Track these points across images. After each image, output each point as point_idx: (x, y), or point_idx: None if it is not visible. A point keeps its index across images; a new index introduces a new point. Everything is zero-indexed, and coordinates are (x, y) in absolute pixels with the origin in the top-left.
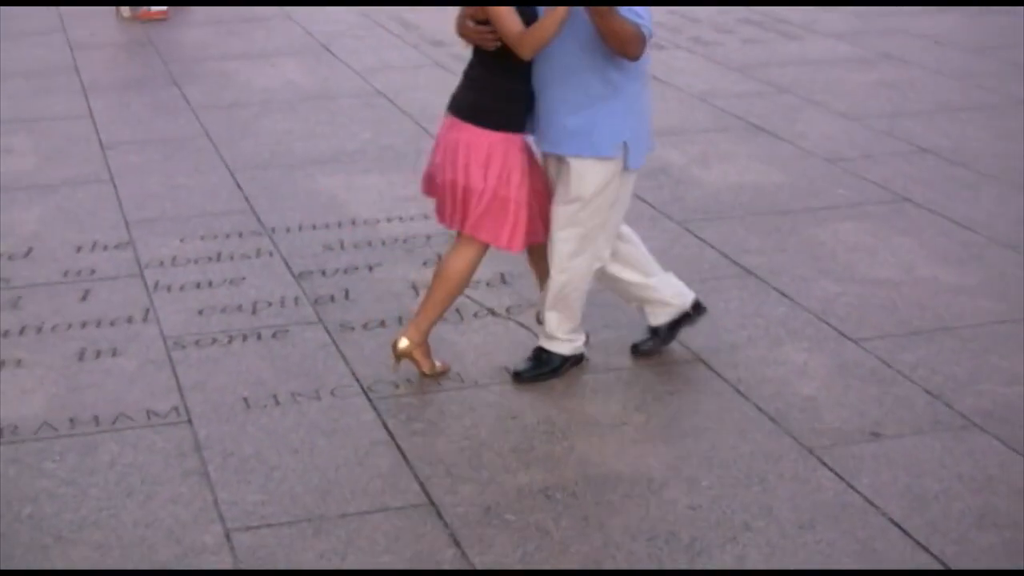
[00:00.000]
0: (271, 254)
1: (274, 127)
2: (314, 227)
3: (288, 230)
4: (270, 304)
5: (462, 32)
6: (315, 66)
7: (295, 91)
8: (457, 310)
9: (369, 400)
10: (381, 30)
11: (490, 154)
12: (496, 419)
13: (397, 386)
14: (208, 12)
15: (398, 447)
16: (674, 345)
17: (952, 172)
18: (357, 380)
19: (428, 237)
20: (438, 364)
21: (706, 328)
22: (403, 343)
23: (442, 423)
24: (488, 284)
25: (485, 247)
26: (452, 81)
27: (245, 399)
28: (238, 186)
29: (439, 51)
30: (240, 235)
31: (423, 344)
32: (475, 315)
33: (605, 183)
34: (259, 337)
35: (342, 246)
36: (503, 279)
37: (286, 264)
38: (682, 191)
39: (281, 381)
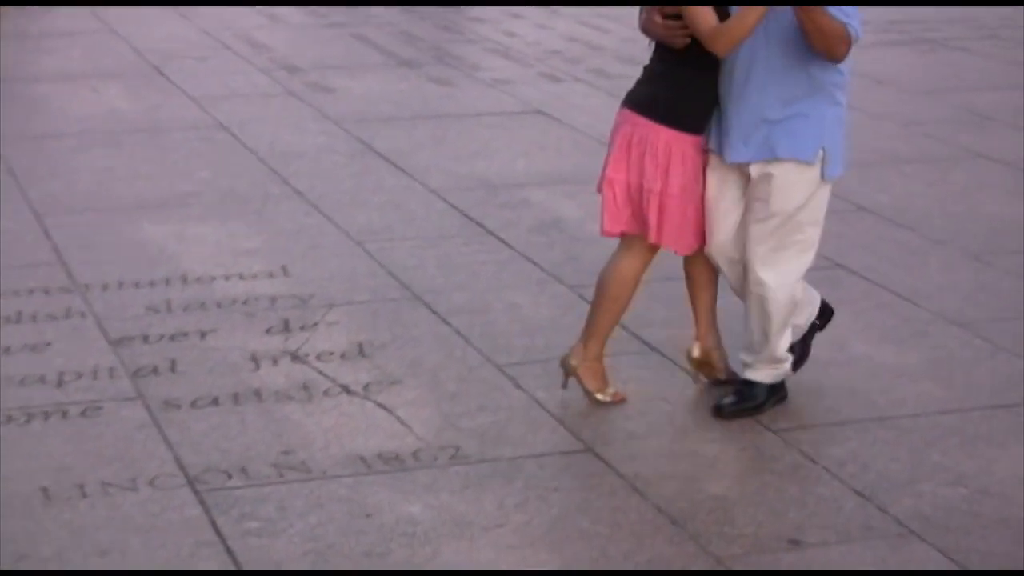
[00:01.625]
0: (83, 315)
1: (92, 164)
2: (136, 284)
3: (105, 287)
4: (79, 375)
5: (649, 28)
6: (144, 91)
7: (119, 121)
8: (305, 386)
9: (196, 492)
10: (225, 51)
11: (670, 152)
12: (347, 517)
13: (230, 476)
14: (14, 22)
15: (228, 550)
16: (561, 433)
17: (894, 235)
18: (182, 468)
19: (273, 299)
20: (611, 391)
21: (599, 414)
22: (573, 360)
23: (282, 521)
24: (343, 356)
25: (655, 251)
26: (308, 113)
27: (45, 490)
28: (45, 233)
29: (293, 79)
30: (46, 292)
31: (598, 361)
32: (326, 393)
33: (809, 195)
34: (64, 415)
35: (169, 307)
36: (360, 350)
37: (100, 328)
38: (577, 250)
39: (90, 468)
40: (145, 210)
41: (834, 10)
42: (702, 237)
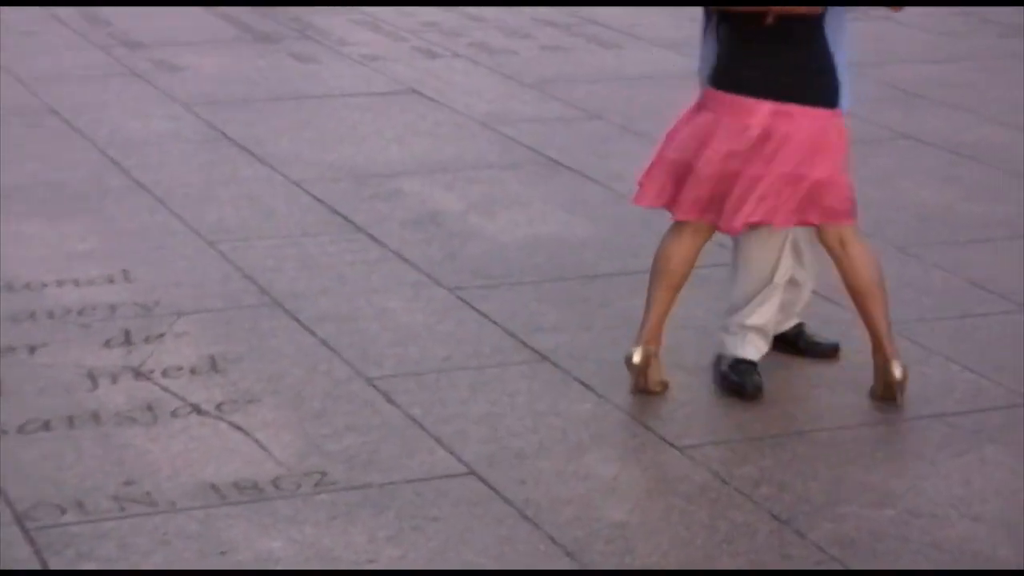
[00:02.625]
0: None
1: None
2: None
3: None
4: None
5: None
6: None
7: None
8: (150, 407)
9: (24, 531)
10: (56, 24)
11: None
12: (198, 555)
13: (64, 511)
14: None
15: None
16: (440, 455)
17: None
18: (8, 504)
19: (112, 308)
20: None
21: (483, 431)
22: (638, 355)
23: (124, 561)
24: (193, 371)
25: (712, 232)
26: (152, 95)
27: None
28: None
29: (135, 56)
30: None
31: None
32: (173, 414)
33: None
34: None
35: None
36: (213, 364)
37: None
38: (456, 247)
39: None
40: None
41: None
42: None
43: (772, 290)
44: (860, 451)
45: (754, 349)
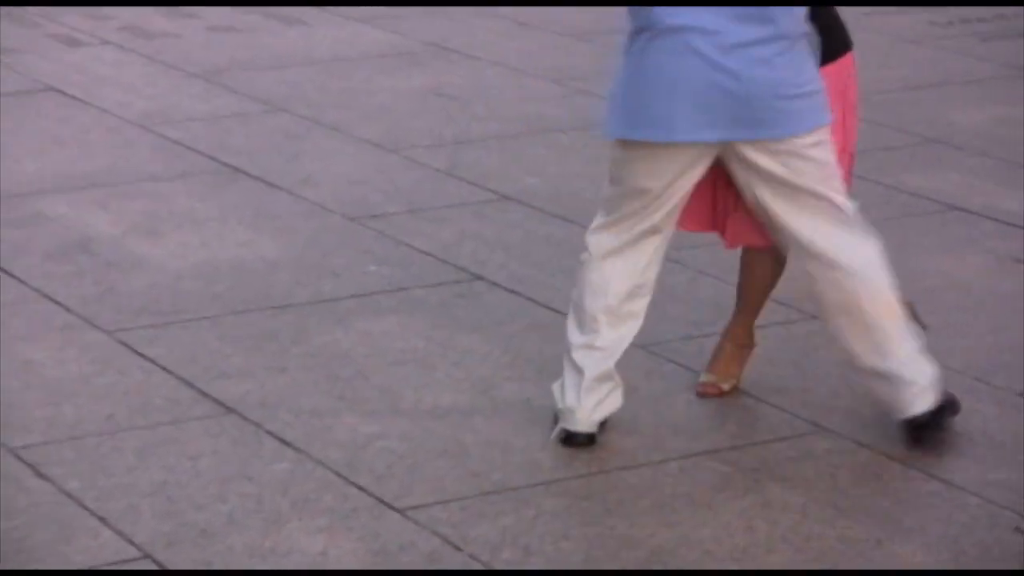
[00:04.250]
0: None
1: None
2: None
3: None
4: None
5: None
6: None
7: None
8: None
9: None
10: None
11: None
12: None
13: None
14: None
15: None
16: (106, 537)
17: (549, 230)
18: None
19: None
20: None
21: (158, 505)
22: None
23: None
24: None
25: None
26: None
27: None
28: None
29: None
30: None
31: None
32: None
33: None
34: None
35: None
36: None
37: None
38: (114, 280)
39: None
40: None
41: None
42: None
43: None
44: (621, 499)
45: None
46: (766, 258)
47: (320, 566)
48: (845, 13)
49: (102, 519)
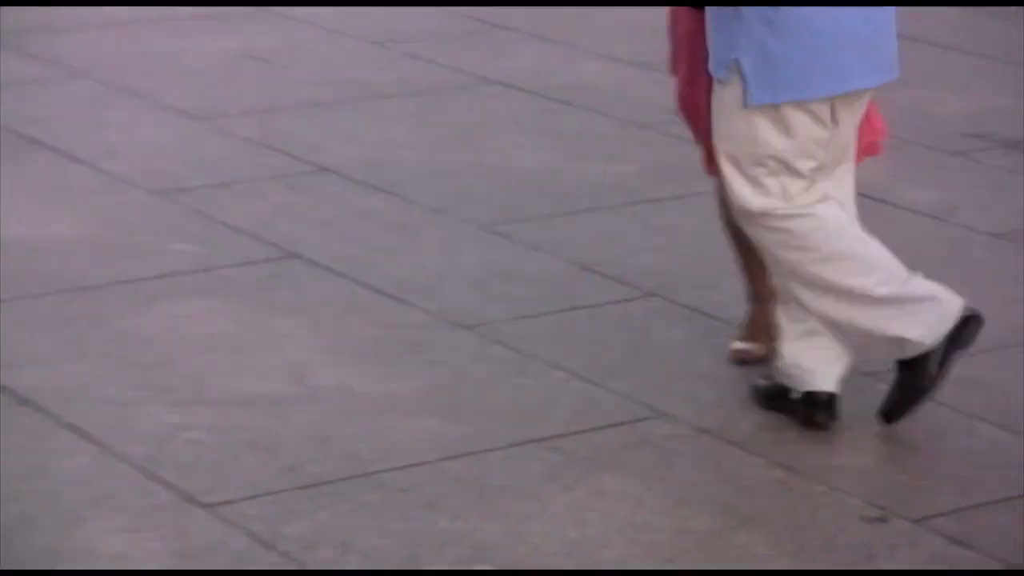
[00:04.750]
0: None
1: None
2: None
3: None
4: None
5: None
6: None
7: None
8: None
9: None
10: None
11: None
12: None
13: None
14: None
15: None
16: None
17: (368, 203)
18: None
19: None
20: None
21: None
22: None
23: None
24: None
25: None
26: None
27: None
28: None
29: None
30: None
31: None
32: None
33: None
34: None
35: None
36: None
37: None
38: None
39: None
40: None
41: None
42: None
43: None
44: (443, 492)
45: None
46: None
47: (118, 567)
48: None
49: None
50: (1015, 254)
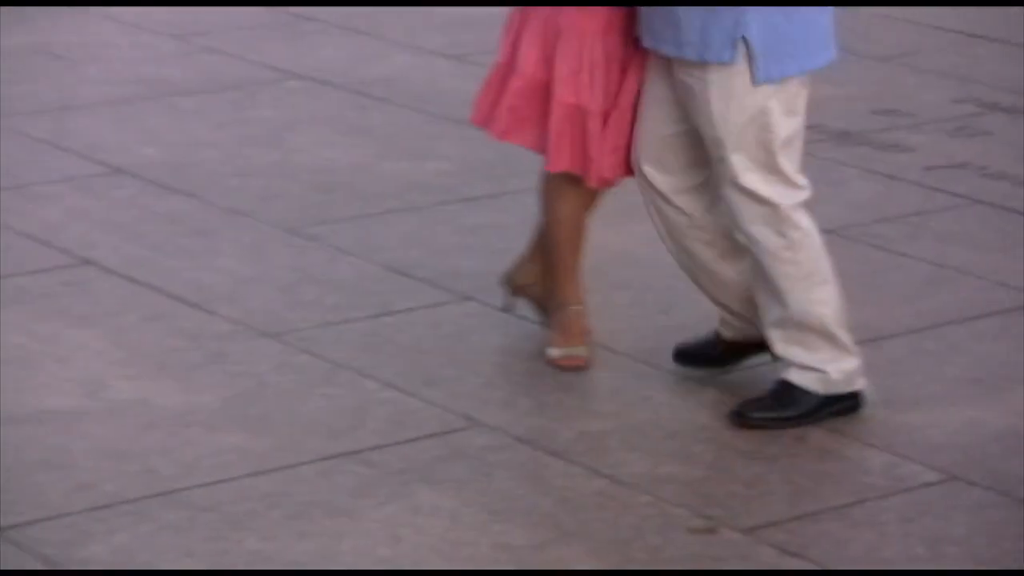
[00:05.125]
0: None
1: None
2: None
3: None
4: None
5: None
6: None
7: None
8: None
9: None
10: None
11: None
12: None
13: None
14: None
15: None
16: None
17: (167, 207)
18: None
19: None
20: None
21: None
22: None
23: None
24: None
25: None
26: None
27: None
28: None
29: None
30: None
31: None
32: None
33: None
34: None
35: None
36: None
37: None
38: None
39: None
40: None
41: None
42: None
43: None
44: (251, 510)
45: None
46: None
47: None
48: None
49: None
50: (847, 250)
